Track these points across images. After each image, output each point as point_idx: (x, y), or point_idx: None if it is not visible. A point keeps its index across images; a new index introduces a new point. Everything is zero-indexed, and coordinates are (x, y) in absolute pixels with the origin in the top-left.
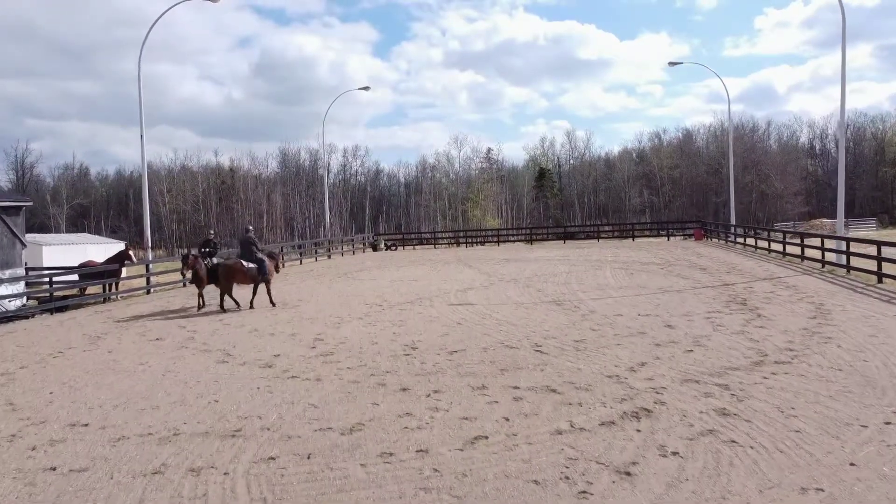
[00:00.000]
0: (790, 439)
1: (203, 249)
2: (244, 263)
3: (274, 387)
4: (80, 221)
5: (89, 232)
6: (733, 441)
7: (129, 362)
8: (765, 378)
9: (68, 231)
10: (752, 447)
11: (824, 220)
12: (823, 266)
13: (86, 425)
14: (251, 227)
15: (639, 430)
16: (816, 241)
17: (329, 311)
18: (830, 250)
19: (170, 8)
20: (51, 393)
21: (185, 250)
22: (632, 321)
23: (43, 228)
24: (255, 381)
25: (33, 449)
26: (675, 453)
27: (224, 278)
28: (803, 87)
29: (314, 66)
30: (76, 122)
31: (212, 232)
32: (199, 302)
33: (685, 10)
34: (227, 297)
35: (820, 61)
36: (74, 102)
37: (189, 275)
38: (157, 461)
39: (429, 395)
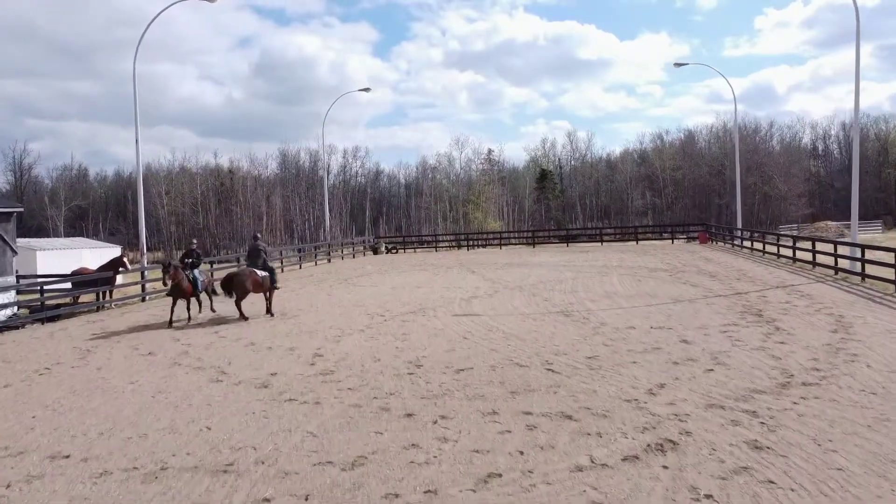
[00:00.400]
0: (833, 479)
1: (186, 260)
2: (257, 272)
3: (270, 411)
4: (79, 223)
5: (87, 234)
6: (771, 482)
7: (119, 381)
8: (794, 403)
9: (66, 233)
10: (792, 489)
11: (829, 222)
12: (836, 273)
13: (67, 457)
14: (259, 235)
15: (665, 467)
16: (828, 247)
17: (329, 323)
18: (845, 257)
19: (166, 8)
20: (33, 417)
21: (167, 260)
22: (645, 335)
23: (41, 231)
24: (250, 404)
25: (7, 486)
26: (708, 496)
27: (240, 287)
28: (803, 88)
29: (314, 67)
30: (76, 122)
31: (194, 241)
32: (171, 317)
33: (685, 10)
34: (241, 307)
35: (820, 61)
36: (74, 102)
37: (169, 286)
38: (140, 503)
39: (436, 422)
